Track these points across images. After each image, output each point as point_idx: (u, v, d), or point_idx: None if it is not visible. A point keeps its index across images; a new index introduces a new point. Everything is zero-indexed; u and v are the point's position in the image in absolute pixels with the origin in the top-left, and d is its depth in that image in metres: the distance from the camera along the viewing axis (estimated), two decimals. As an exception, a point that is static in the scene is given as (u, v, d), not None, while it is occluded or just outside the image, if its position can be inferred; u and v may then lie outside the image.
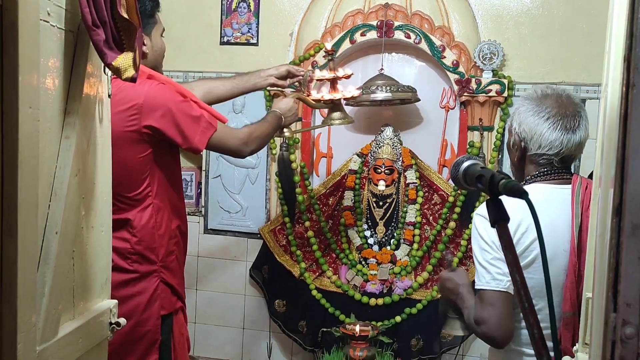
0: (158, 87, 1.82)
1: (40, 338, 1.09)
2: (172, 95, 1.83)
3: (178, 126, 1.82)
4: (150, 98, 1.78)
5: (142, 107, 1.76)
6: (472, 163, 1.02)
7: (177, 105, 1.83)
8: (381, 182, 3.07)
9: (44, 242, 1.11)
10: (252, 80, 2.35)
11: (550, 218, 1.46)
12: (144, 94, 1.78)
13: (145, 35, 1.92)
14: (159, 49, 2.01)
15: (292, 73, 2.35)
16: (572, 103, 1.51)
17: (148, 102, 1.77)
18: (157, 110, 1.78)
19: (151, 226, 1.82)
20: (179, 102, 1.84)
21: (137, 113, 1.76)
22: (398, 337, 2.98)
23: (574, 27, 2.93)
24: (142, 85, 1.79)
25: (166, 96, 1.82)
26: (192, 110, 1.86)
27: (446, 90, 3.14)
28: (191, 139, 1.84)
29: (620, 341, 0.64)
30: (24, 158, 0.98)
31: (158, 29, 1.99)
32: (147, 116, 1.77)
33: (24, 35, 0.96)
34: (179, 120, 1.81)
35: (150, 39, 1.95)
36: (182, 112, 1.83)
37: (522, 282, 0.84)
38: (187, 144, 1.84)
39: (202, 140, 1.86)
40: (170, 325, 1.91)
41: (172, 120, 1.81)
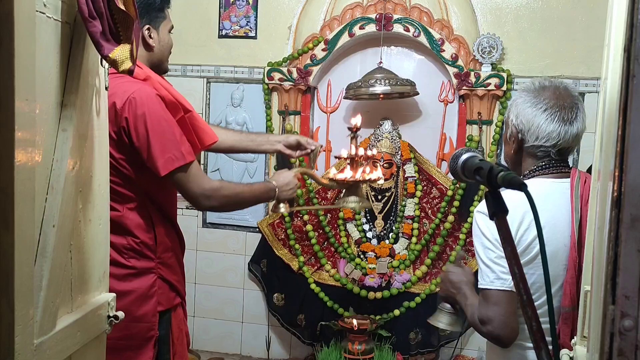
0: (144, 94, 1.72)
1: (37, 331, 1.08)
2: (155, 108, 1.72)
3: (147, 140, 1.70)
4: (132, 102, 1.69)
5: (122, 109, 1.70)
6: (471, 155, 1.01)
7: (157, 119, 1.71)
8: (380, 175, 3.07)
9: (41, 236, 1.11)
10: (259, 141, 2.24)
11: (550, 213, 1.45)
12: (128, 97, 1.69)
13: (153, 29, 1.89)
14: (166, 44, 1.97)
15: (302, 145, 2.19)
16: (569, 95, 1.50)
17: (126, 106, 1.69)
18: (132, 116, 1.69)
19: (146, 224, 1.81)
20: (160, 118, 1.72)
21: (115, 114, 1.69)
22: (396, 331, 2.98)
23: (573, 20, 2.92)
24: (130, 85, 1.73)
25: (149, 106, 1.71)
26: (171, 132, 1.73)
27: (445, 83, 3.14)
28: (155, 159, 1.70)
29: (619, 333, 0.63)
30: (20, 151, 0.97)
31: (166, 25, 1.96)
32: (119, 120, 1.69)
33: (19, 27, 0.95)
34: (151, 135, 1.69)
35: (158, 33, 1.92)
36: (158, 129, 1.70)
37: (521, 275, 0.84)
38: (149, 162, 1.71)
39: (166, 167, 1.71)
40: (168, 321, 1.90)
41: (143, 132, 1.70)
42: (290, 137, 2.21)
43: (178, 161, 1.73)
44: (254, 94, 3.28)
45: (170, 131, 1.72)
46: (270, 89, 3.22)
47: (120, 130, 1.70)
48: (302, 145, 2.19)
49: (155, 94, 1.74)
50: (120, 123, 1.69)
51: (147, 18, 1.87)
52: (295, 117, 3.21)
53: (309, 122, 3.26)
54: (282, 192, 1.96)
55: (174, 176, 1.73)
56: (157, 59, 1.93)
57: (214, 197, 1.80)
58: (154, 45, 1.90)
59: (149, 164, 1.71)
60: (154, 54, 1.91)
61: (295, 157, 2.22)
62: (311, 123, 3.29)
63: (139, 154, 1.72)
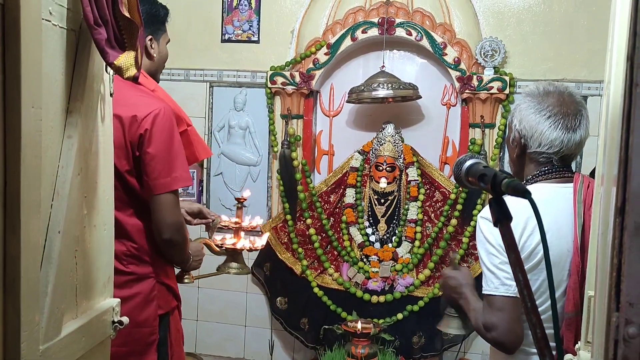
0: (168, 113, 1.75)
1: (43, 337, 1.09)
2: (174, 128, 1.77)
3: (159, 156, 1.72)
4: (156, 117, 1.72)
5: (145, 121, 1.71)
6: (475, 162, 1.02)
7: (174, 139, 1.75)
8: (383, 179, 3.08)
9: (47, 241, 1.11)
10: None
11: (554, 218, 1.45)
12: (153, 111, 1.72)
13: (155, 40, 1.95)
14: (164, 56, 2.04)
15: (203, 214, 2.21)
16: (573, 102, 1.49)
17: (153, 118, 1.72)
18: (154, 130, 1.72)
19: (143, 230, 1.82)
20: (177, 138, 1.77)
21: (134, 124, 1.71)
22: (400, 335, 2.98)
23: (575, 23, 2.93)
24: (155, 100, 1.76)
25: (170, 124, 1.75)
26: (182, 154, 1.78)
27: (447, 87, 3.14)
28: (158, 176, 1.73)
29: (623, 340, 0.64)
30: (26, 157, 0.98)
31: (165, 38, 2.03)
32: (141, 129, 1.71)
33: (26, 35, 0.96)
34: (164, 152, 1.73)
35: (158, 44, 1.98)
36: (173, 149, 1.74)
37: (525, 281, 0.84)
38: (151, 176, 1.73)
39: (165, 186, 1.74)
40: (167, 324, 1.92)
41: (159, 147, 1.73)
42: (194, 205, 2.25)
43: (180, 182, 1.77)
44: (257, 98, 3.29)
45: (181, 154, 1.78)
46: (273, 93, 3.23)
47: (135, 141, 1.72)
48: (203, 214, 2.22)
49: (174, 114, 1.79)
50: (137, 132, 1.71)
51: (151, 29, 1.92)
52: (298, 121, 3.22)
53: (312, 126, 3.27)
54: (192, 260, 2.00)
55: (163, 197, 1.75)
56: (154, 69, 1.99)
57: (179, 232, 1.81)
58: (155, 55, 1.95)
59: (149, 178, 1.73)
60: (153, 64, 1.97)
61: (194, 224, 2.22)
62: (314, 127, 3.30)
63: (141, 165, 1.73)
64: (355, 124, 3.29)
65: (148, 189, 1.75)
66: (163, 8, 2.00)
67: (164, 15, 1.99)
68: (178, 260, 1.98)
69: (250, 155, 3.34)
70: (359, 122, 3.28)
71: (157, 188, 1.74)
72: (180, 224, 1.82)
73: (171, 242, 1.81)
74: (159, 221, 1.77)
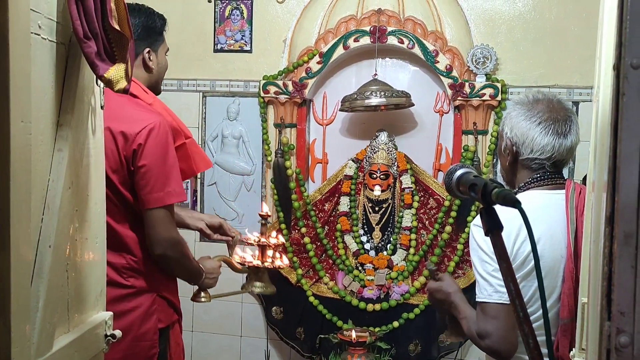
0: (164, 127, 1.74)
1: (34, 352, 1.08)
2: (169, 143, 1.75)
3: (153, 170, 1.72)
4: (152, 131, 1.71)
5: (139, 135, 1.70)
6: (465, 172, 1.02)
7: (168, 153, 1.74)
8: (377, 187, 3.08)
9: (37, 256, 1.11)
10: (184, 215, 2.22)
11: (548, 225, 1.45)
12: (148, 125, 1.71)
13: (153, 52, 1.94)
14: (163, 67, 2.02)
15: (224, 230, 2.20)
16: (563, 108, 1.51)
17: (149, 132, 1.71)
18: (149, 144, 1.71)
19: (143, 243, 1.81)
20: (172, 153, 1.76)
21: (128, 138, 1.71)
22: (396, 343, 2.97)
23: (566, 30, 2.94)
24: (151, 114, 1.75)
25: (166, 139, 1.74)
26: (176, 169, 1.77)
27: (440, 94, 3.15)
28: (151, 190, 1.72)
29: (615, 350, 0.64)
30: (16, 171, 0.97)
31: (164, 48, 2.01)
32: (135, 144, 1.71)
33: (14, 48, 0.96)
34: (158, 167, 1.72)
35: (157, 55, 1.96)
36: (167, 163, 1.73)
37: (517, 291, 0.84)
38: (144, 190, 1.73)
39: (158, 201, 1.73)
40: (167, 337, 1.91)
41: (153, 161, 1.72)
42: (214, 219, 2.23)
43: (173, 197, 1.75)
44: (250, 107, 3.29)
45: (176, 169, 1.76)
46: (266, 102, 3.23)
47: (130, 155, 1.71)
48: (223, 230, 2.19)
49: (171, 129, 1.78)
50: (132, 147, 1.70)
51: (148, 41, 1.91)
52: (292, 129, 3.22)
53: (305, 135, 3.27)
54: (207, 279, 1.98)
55: (156, 211, 1.73)
56: (155, 81, 1.98)
57: (174, 248, 1.79)
58: (153, 67, 1.95)
59: (142, 192, 1.72)
60: (152, 75, 1.96)
61: (213, 238, 2.21)
62: (307, 135, 3.30)
63: (134, 178, 1.72)
64: (348, 132, 3.30)
65: (141, 203, 1.74)
66: (160, 18, 1.98)
67: (161, 26, 1.97)
68: (183, 277, 1.95)
69: (244, 164, 3.34)
70: (353, 130, 3.29)
71: (149, 202, 1.73)
72: (174, 240, 1.79)
73: (165, 257, 1.79)
74: (151, 236, 1.76)
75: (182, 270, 1.91)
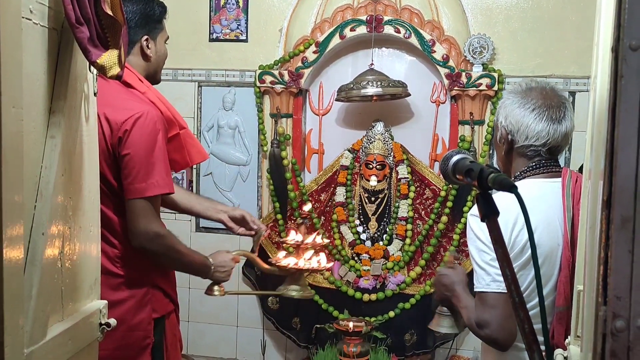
0: (152, 116, 1.71)
1: (28, 340, 1.07)
2: (157, 132, 1.71)
3: (138, 159, 1.68)
4: (139, 120, 1.68)
5: (126, 122, 1.67)
6: (461, 157, 1.01)
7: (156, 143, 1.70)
8: (373, 177, 3.07)
9: (31, 244, 1.09)
10: (206, 205, 2.17)
11: (543, 213, 1.45)
12: (135, 114, 1.68)
13: (151, 40, 1.90)
14: (163, 55, 1.97)
15: (247, 222, 2.11)
16: (556, 95, 1.51)
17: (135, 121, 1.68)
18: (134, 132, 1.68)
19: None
20: (159, 143, 1.71)
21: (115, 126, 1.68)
22: (392, 332, 2.98)
23: (564, 20, 2.94)
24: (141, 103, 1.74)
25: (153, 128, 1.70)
26: (164, 159, 1.72)
27: (437, 84, 3.14)
28: (134, 180, 1.68)
29: (611, 334, 0.63)
30: (8, 158, 0.96)
31: (163, 36, 1.96)
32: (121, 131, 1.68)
33: (5, 34, 0.94)
34: (143, 156, 1.68)
35: (155, 44, 1.92)
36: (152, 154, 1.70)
37: (513, 277, 0.84)
38: (128, 179, 1.69)
39: (139, 192, 1.68)
40: (162, 328, 1.89)
41: (138, 150, 1.68)
42: (236, 211, 2.14)
43: (152, 190, 1.69)
44: (246, 97, 3.27)
45: (162, 160, 1.71)
46: (262, 92, 3.22)
47: (116, 143, 1.68)
48: (247, 223, 2.10)
49: (161, 119, 1.74)
50: (117, 135, 1.67)
51: (146, 29, 1.88)
52: (287, 120, 3.21)
53: (301, 125, 3.26)
54: (216, 272, 1.92)
55: (136, 202, 1.68)
56: (153, 70, 1.94)
57: (155, 242, 1.72)
58: (152, 55, 1.90)
59: (125, 182, 1.68)
60: (151, 64, 1.92)
61: (237, 233, 2.12)
62: (303, 126, 3.29)
63: (120, 167, 1.69)
64: (344, 122, 3.29)
65: (124, 193, 1.70)
66: (159, 6, 1.93)
67: (160, 14, 1.92)
68: (180, 270, 1.91)
69: (239, 154, 3.33)
70: (349, 120, 3.28)
71: (130, 192, 1.68)
72: (154, 234, 1.71)
73: (145, 250, 1.73)
74: (130, 228, 1.70)
75: (173, 263, 1.85)
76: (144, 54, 1.88)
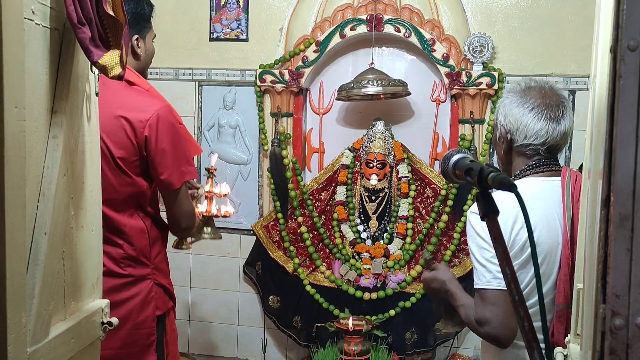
0: (169, 111, 1.81)
1: (30, 339, 1.08)
2: (176, 124, 1.83)
3: (169, 153, 1.78)
4: (160, 117, 1.76)
5: (149, 122, 1.73)
6: (462, 156, 1.01)
7: (178, 135, 1.82)
8: (373, 176, 3.08)
9: (33, 243, 1.10)
10: None
11: (543, 212, 1.46)
12: (156, 111, 1.76)
13: (141, 38, 1.93)
14: (151, 53, 2.02)
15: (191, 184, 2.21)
16: (555, 94, 1.52)
17: (157, 119, 1.75)
18: (160, 130, 1.76)
19: (141, 230, 1.82)
20: (180, 134, 1.84)
21: (137, 125, 1.73)
22: (392, 331, 2.98)
23: (563, 19, 2.94)
24: (154, 100, 1.81)
25: (172, 122, 1.81)
26: (187, 147, 1.87)
27: (437, 83, 3.14)
28: (171, 172, 1.80)
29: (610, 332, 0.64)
30: (10, 158, 0.97)
31: (151, 34, 2.01)
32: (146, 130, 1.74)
33: (8, 34, 0.95)
34: (172, 149, 1.79)
35: (145, 42, 1.95)
36: (179, 144, 1.81)
37: (512, 275, 0.84)
38: (165, 173, 1.79)
39: (180, 179, 1.83)
40: (164, 324, 1.92)
41: (167, 145, 1.77)
42: None
43: (189, 174, 1.86)
44: (246, 96, 3.28)
45: (186, 147, 1.86)
46: (263, 92, 3.22)
47: (142, 142, 1.75)
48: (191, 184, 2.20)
49: (173, 110, 1.84)
50: (143, 134, 1.74)
51: (137, 28, 1.91)
52: (288, 119, 3.21)
53: (302, 124, 3.26)
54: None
55: (180, 190, 1.85)
56: (142, 68, 1.98)
57: (194, 218, 1.95)
58: (141, 54, 1.94)
59: (162, 176, 1.79)
60: (140, 62, 1.96)
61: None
62: (304, 125, 3.29)
63: (151, 164, 1.78)
64: (345, 121, 3.29)
65: (163, 186, 1.82)
66: (148, 5, 1.97)
67: (149, 13, 1.97)
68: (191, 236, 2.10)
69: (240, 154, 3.33)
70: (349, 119, 3.28)
71: (173, 184, 1.81)
72: (193, 211, 1.94)
73: (187, 229, 1.95)
74: (178, 213, 1.88)
75: (189, 234, 2.04)
76: (134, 53, 1.92)
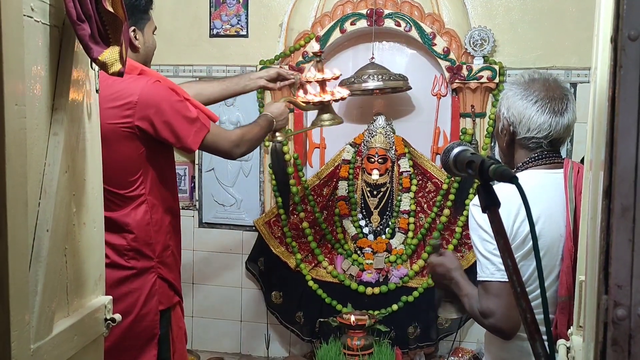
0: (154, 85, 1.80)
1: (34, 336, 1.08)
2: (167, 94, 1.81)
3: (171, 125, 1.80)
4: (145, 96, 1.76)
5: (137, 105, 1.75)
6: (463, 149, 1.01)
7: (172, 104, 1.81)
8: (375, 171, 3.08)
9: (35, 240, 1.10)
10: (242, 82, 2.33)
11: (547, 204, 1.45)
12: (139, 92, 1.76)
13: (139, 31, 1.93)
14: (151, 46, 2.01)
15: (282, 76, 2.33)
16: (559, 86, 1.51)
17: (143, 99, 1.75)
18: (151, 108, 1.77)
19: (146, 223, 1.82)
20: (175, 102, 1.82)
21: (131, 110, 1.75)
22: (395, 326, 2.99)
23: (564, 11, 2.93)
24: (137, 81, 1.78)
25: (161, 95, 1.80)
26: (187, 110, 1.84)
27: (437, 77, 3.14)
28: (184, 138, 1.83)
29: (612, 323, 0.64)
30: (11, 156, 0.97)
31: (150, 26, 1.99)
32: (141, 114, 1.75)
33: (7, 32, 0.95)
34: (173, 120, 1.80)
35: (143, 34, 1.95)
36: (177, 112, 1.82)
37: (514, 267, 0.84)
38: (180, 143, 1.84)
39: (196, 141, 1.85)
40: (168, 320, 1.92)
41: (166, 119, 1.79)
42: (270, 70, 2.36)
43: (202, 131, 1.87)
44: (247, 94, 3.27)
45: (185, 109, 1.84)
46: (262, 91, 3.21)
47: (140, 126, 1.77)
48: (282, 76, 2.33)
49: (155, 80, 1.85)
50: (139, 119, 1.77)
51: (133, 20, 1.89)
52: (289, 114, 3.20)
53: (303, 120, 3.26)
54: (278, 121, 2.17)
55: (204, 145, 1.88)
56: (142, 61, 1.96)
57: (242, 144, 1.99)
58: (140, 47, 1.93)
59: (179, 145, 1.85)
60: (139, 55, 1.94)
61: (277, 88, 2.37)
62: (304, 120, 3.29)
63: (164, 141, 1.83)
64: (346, 116, 3.28)
65: (187, 150, 1.89)
66: None
67: (146, 4, 1.95)
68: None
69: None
70: (350, 114, 3.27)
71: (194, 144, 1.86)
72: (237, 140, 1.98)
73: (243, 154, 2.03)
74: (219, 154, 2.00)
75: (258, 142, 2.11)
76: (132, 46, 1.90)
